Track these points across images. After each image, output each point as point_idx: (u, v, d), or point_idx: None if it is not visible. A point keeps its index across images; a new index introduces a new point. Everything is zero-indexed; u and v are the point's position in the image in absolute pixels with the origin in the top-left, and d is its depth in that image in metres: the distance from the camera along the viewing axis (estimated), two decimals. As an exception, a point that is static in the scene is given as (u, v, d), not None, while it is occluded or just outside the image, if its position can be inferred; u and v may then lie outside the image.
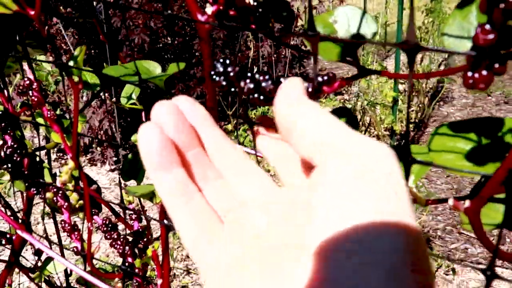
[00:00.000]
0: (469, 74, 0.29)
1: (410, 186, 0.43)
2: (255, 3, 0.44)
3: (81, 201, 0.62)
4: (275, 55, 3.74)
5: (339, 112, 0.56)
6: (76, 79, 0.56)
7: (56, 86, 3.57)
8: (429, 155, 0.39)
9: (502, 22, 0.26)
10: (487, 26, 0.26)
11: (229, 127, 3.29)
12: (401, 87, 4.42)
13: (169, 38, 3.51)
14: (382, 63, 5.31)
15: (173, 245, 2.65)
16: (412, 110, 4.23)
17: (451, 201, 0.31)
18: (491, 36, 0.27)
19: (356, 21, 0.39)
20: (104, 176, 3.51)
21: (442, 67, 5.09)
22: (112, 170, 3.56)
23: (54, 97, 3.61)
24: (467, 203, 0.31)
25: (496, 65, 0.28)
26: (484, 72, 0.28)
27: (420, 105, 4.22)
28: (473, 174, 0.32)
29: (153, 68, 0.58)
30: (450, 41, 0.32)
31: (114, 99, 0.73)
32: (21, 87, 0.57)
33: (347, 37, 0.39)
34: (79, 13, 0.70)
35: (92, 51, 3.44)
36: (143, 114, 0.77)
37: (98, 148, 3.53)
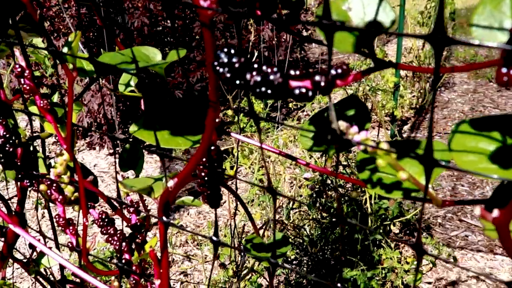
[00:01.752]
0: (504, 70, 0.26)
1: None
2: (262, -12, 0.41)
3: (76, 194, 0.59)
4: (275, 39, 3.70)
5: (348, 103, 0.53)
6: (70, 66, 0.53)
7: (54, 69, 3.52)
8: (450, 154, 0.36)
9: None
10: (528, 18, 0.23)
11: (229, 112, 3.25)
12: (402, 72, 4.38)
13: (168, 21, 3.46)
14: (383, 48, 5.26)
15: (172, 230, 2.63)
16: (414, 96, 4.20)
17: (478, 211, 0.29)
18: (532, 29, 0.24)
19: (373, 9, 0.36)
20: (103, 160, 3.49)
21: (444, 52, 5.04)
22: (111, 154, 3.53)
23: (52, 80, 3.57)
24: (495, 213, 0.28)
25: (535, 61, 0.25)
26: (521, 69, 0.25)
27: (421, 91, 4.19)
28: (498, 180, 0.29)
29: (153, 54, 0.55)
30: (479, 32, 0.29)
31: (111, 86, 0.70)
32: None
33: (363, 26, 0.36)
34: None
35: (91, 34, 3.40)
36: (142, 101, 0.74)
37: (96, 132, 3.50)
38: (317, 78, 0.33)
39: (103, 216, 0.57)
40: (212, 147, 0.46)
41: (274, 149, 0.52)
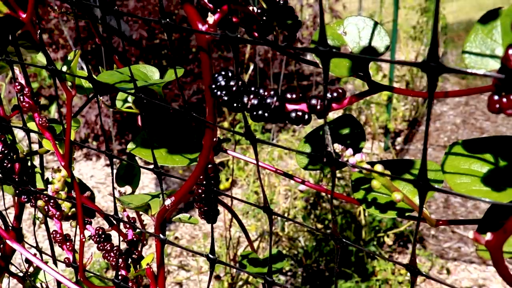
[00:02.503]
0: (496, 97, 0.27)
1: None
2: (259, 11, 0.42)
3: (73, 209, 0.60)
4: (271, 52, 3.72)
5: (343, 121, 0.54)
6: (69, 84, 0.53)
7: (52, 79, 3.52)
8: (443, 175, 0.36)
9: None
10: (519, 48, 0.24)
11: (225, 124, 3.26)
12: (396, 85, 4.41)
13: (166, 34, 3.47)
14: (375, 62, 5.29)
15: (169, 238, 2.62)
16: (407, 108, 4.22)
17: (471, 234, 0.29)
18: (522, 59, 0.24)
19: (368, 33, 0.37)
20: (99, 171, 3.48)
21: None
22: (108, 165, 3.53)
23: (50, 91, 3.57)
24: (488, 236, 0.29)
25: (525, 89, 0.26)
26: (512, 97, 0.26)
27: (414, 104, 4.21)
28: (493, 203, 0.30)
29: (151, 73, 0.56)
30: (471, 59, 0.30)
31: (109, 102, 0.71)
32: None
33: (358, 50, 0.37)
34: (75, 11, 0.68)
35: (89, 47, 3.40)
36: (138, 118, 0.74)
37: (94, 143, 3.50)
38: (313, 101, 0.33)
39: (100, 232, 0.57)
40: (209, 165, 0.46)
41: (270, 166, 0.53)
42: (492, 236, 0.29)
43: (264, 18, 0.41)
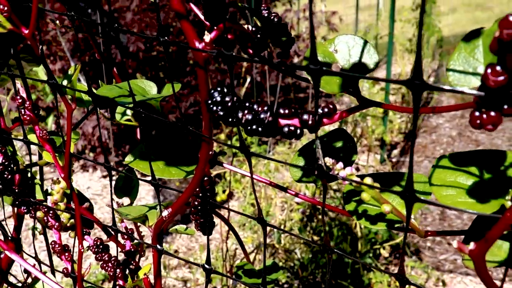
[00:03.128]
0: (477, 114, 0.28)
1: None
2: (254, 29, 0.43)
3: (72, 220, 0.61)
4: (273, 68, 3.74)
5: (336, 135, 0.55)
6: (69, 97, 0.55)
7: (53, 94, 3.55)
8: (431, 188, 0.38)
9: (514, 65, 0.25)
10: (498, 68, 0.26)
11: (222, 136, 3.28)
12: (391, 98, 4.44)
13: (164, 49, 3.49)
14: (372, 74, 5.32)
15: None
16: (403, 121, 4.24)
17: (455, 244, 0.31)
18: (501, 78, 0.26)
19: (357, 51, 0.38)
20: (96, 182, 3.49)
21: (431, 78, 5.11)
22: (104, 177, 3.53)
23: (47, 103, 3.59)
24: (471, 245, 0.30)
25: (505, 106, 0.27)
26: (493, 113, 0.27)
27: (410, 116, 4.23)
28: (477, 214, 0.31)
29: (149, 88, 0.57)
30: (455, 77, 0.32)
31: (108, 115, 0.72)
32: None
33: (349, 67, 0.38)
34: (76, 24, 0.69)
35: (87, 58, 3.42)
36: (137, 130, 0.76)
37: (91, 154, 3.51)
38: (305, 117, 0.35)
39: (98, 243, 0.58)
40: (205, 178, 0.48)
41: (265, 179, 0.54)
42: (475, 246, 0.30)
43: (259, 35, 0.43)
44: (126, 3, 3.42)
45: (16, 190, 0.62)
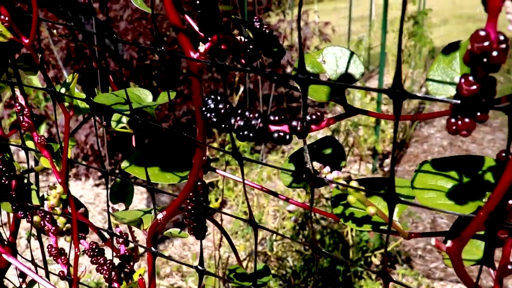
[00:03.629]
0: (452, 120, 0.30)
1: (393, 219, 0.44)
2: (246, 40, 0.45)
3: (68, 225, 0.62)
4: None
5: (325, 142, 0.57)
6: (67, 104, 0.57)
7: (46, 102, 3.56)
8: (413, 191, 0.40)
9: (485, 75, 0.28)
10: (471, 78, 0.28)
11: (215, 144, 3.29)
12: (383, 108, 4.47)
13: (157, 55, 3.52)
14: (364, 84, 5.37)
15: (158, 261, 2.64)
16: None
17: (433, 241, 0.33)
18: (474, 87, 0.28)
19: (344, 62, 0.40)
20: (88, 191, 3.49)
21: (423, 88, 5.16)
22: (97, 185, 3.54)
23: (40, 111, 3.60)
24: (448, 243, 0.32)
25: (478, 113, 0.29)
26: (467, 120, 0.29)
27: (402, 126, 4.27)
28: (454, 214, 0.33)
29: (144, 96, 0.59)
30: (434, 86, 0.34)
31: (104, 123, 0.74)
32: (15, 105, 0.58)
33: (336, 77, 0.40)
34: (71, 35, 0.71)
35: (80, 66, 3.43)
36: (133, 138, 0.77)
37: (84, 162, 3.52)
38: (294, 123, 0.37)
39: (94, 247, 0.60)
40: (199, 183, 0.49)
41: (257, 184, 0.56)
42: (452, 244, 0.32)
43: (251, 46, 0.45)
44: (120, 12, 3.45)
45: (13, 195, 0.64)
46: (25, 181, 0.69)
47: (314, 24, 4.65)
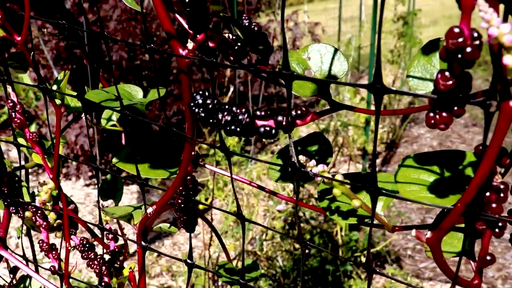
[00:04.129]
0: (431, 114, 0.31)
1: (378, 213, 0.46)
2: (234, 37, 0.46)
3: (59, 220, 0.63)
4: (251, 75, 3.78)
5: (312, 138, 0.58)
6: (58, 102, 0.58)
7: (37, 101, 3.55)
8: (396, 185, 0.41)
9: (461, 70, 0.29)
10: (447, 73, 0.29)
11: (204, 146, 3.30)
12: (373, 108, 4.49)
13: (147, 55, 3.52)
14: (355, 82, 5.39)
15: (148, 261, 2.64)
16: (384, 131, 4.30)
17: (413, 232, 0.34)
18: (450, 82, 0.29)
19: (329, 58, 0.42)
20: (79, 191, 3.49)
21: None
22: (87, 185, 3.54)
23: (30, 111, 3.59)
24: (428, 234, 0.34)
25: (455, 108, 0.30)
26: (444, 114, 0.31)
27: (392, 126, 4.29)
28: (435, 207, 0.35)
29: (135, 92, 0.60)
30: (414, 82, 0.35)
31: (95, 121, 0.75)
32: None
33: (321, 74, 0.42)
34: (61, 34, 0.72)
35: (70, 66, 3.43)
36: (122, 135, 0.78)
37: (74, 163, 3.51)
38: (279, 118, 0.38)
39: (84, 242, 0.61)
40: (188, 177, 0.50)
41: (245, 179, 0.57)
42: (431, 234, 0.33)
43: (239, 44, 0.46)
44: (109, 12, 3.45)
45: (5, 191, 0.65)
46: (16, 178, 0.69)
47: (304, 24, 4.66)
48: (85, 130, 3.16)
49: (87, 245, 0.61)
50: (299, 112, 0.38)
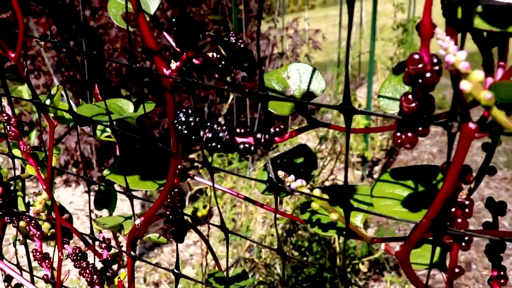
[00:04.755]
0: (398, 134, 0.33)
1: (358, 225, 0.47)
2: (218, 56, 0.48)
3: (53, 230, 0.65)
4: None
5: (299, 151, 0.60)
6: (51, 115, 0.59)
7: (30, 105, 3.57)
8: (372, 200, 0.43)
9: (423, 94, 0.30)
10: (410, 96, 0.31)
11: (193, 155, 3.32)
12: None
13: (147, 62, 3.55)
14: (355, 91, 5.42)
15: (147, 269, 2.66)
16: (384, 138, 4.32)
17: (383, 246, 0.35)
18: (413, 105, 0.31)
19: (307, 77, 0.43)
20: (79, 197, 3.51)
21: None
22: (87, 192, 3.55)
23: (31, 117, 3.61)
24: (397, 247, 0.35)
25: (420, 128, 0.32)
26: (410, 134, 0.32)
27: (391, 132, 4.30)
28: (405, 221, 0.36)
29: (126, 106, 0.62)
30: (385, 102, 0.37)
31: (90, 131, 0.77)
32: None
33: (299, 92, 0.43)
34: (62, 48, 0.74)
35: (71, 73, 3.46)
36: (116, 146, 0.80)
37: (74, 169, 3.53)
38: (258, 135, 0.40)
39: (77, 251, 0.62)
40: (176, 190, 0.52)
41: (229, 189, 0.59)
42: (400, 248, 0.35)
43: (223, 62, 0.48)
44: (111, 20, 3.47)
45: (1, 201, 0.66)
46: (12, 188, 0.71)
47: (304, 32, 4.69)
48: (85, 137, 3.18)
49: (80, 254, 0.63)
50: (277, 129, 0.40)
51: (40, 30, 3.34)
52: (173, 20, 0.46)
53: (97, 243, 0.63)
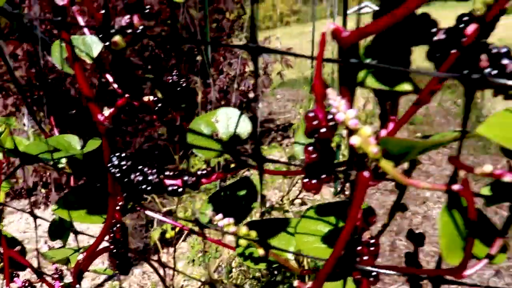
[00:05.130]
0: (305, 180, 0.36)
1: (290, 258, 0.50)
2: (155, 98, 0.51)
3: (1, 263, 0.66)
4: (223, 101, 3.83)
5: (242, 184, 0.63)
6: (0, 156, 0.61)
7: None
8: (295, 236, 0.45)
9: (321, 146, 0.33)
10: (310, 148, 0.34)
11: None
12: (344, 132, 4.56)
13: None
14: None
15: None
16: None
17: (296, 283, 0.38)
18: (314, 156, 0.34)
19: (234, 121, 0.46)
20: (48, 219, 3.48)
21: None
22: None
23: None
24: (308, 284, 0.38)
25: (323, 176, 0.35)
26: (314, 181, 0.35)
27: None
28: (317, 259, 0.39)
29: (74, 142, 0.64)
30: (298, 149, 0.40)
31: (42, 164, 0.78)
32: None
33: (227, 135, 0.46)
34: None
35: (39, 93, 3.45)
36: (72, 178, 0.82)
37: (43, 190, 3.51)
38: (186, 178, 0.42)
39: (26, 284, 0.64)
40: (118, 225, 0.54)
41: (175, 222, 0.61)
42: (311, 284, 0.38)
43: (159, 105, 0.50)
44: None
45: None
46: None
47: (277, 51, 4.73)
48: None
49: (29, 287, 0.64)
50: (204, 172, 0.43)
51: (9, 47, 3.34)
52: (114, 65, 0.49)
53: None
